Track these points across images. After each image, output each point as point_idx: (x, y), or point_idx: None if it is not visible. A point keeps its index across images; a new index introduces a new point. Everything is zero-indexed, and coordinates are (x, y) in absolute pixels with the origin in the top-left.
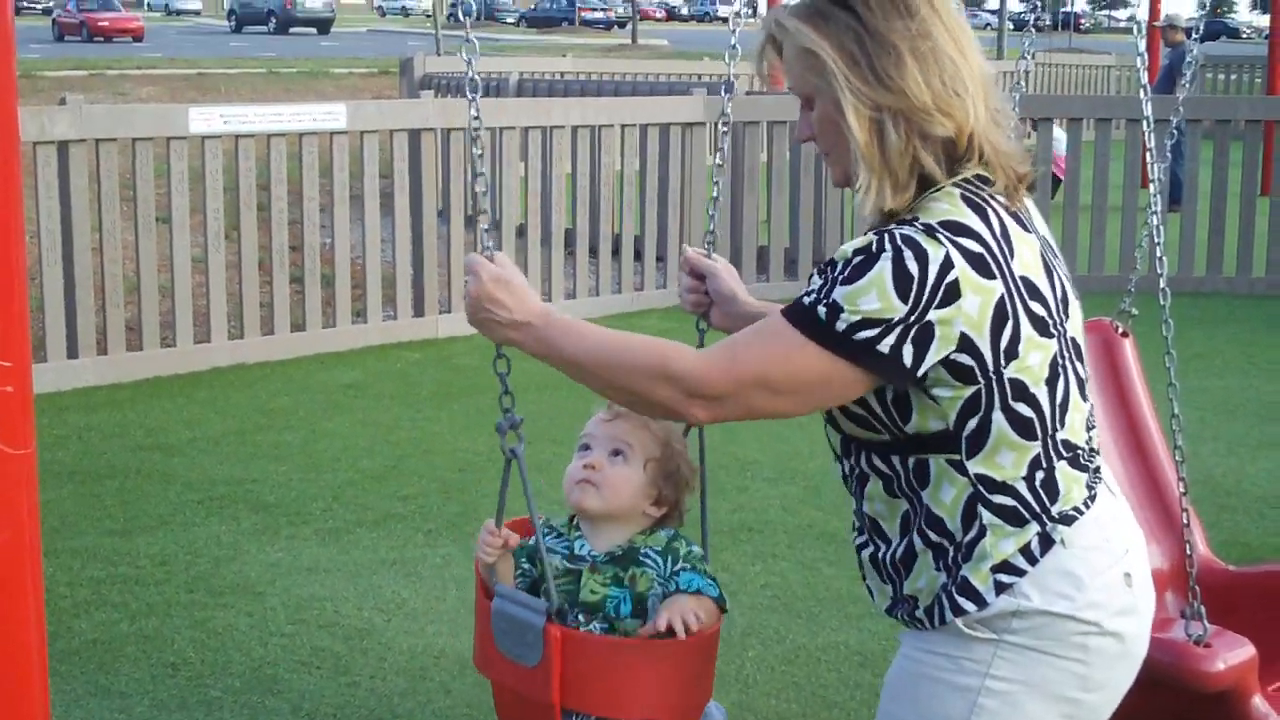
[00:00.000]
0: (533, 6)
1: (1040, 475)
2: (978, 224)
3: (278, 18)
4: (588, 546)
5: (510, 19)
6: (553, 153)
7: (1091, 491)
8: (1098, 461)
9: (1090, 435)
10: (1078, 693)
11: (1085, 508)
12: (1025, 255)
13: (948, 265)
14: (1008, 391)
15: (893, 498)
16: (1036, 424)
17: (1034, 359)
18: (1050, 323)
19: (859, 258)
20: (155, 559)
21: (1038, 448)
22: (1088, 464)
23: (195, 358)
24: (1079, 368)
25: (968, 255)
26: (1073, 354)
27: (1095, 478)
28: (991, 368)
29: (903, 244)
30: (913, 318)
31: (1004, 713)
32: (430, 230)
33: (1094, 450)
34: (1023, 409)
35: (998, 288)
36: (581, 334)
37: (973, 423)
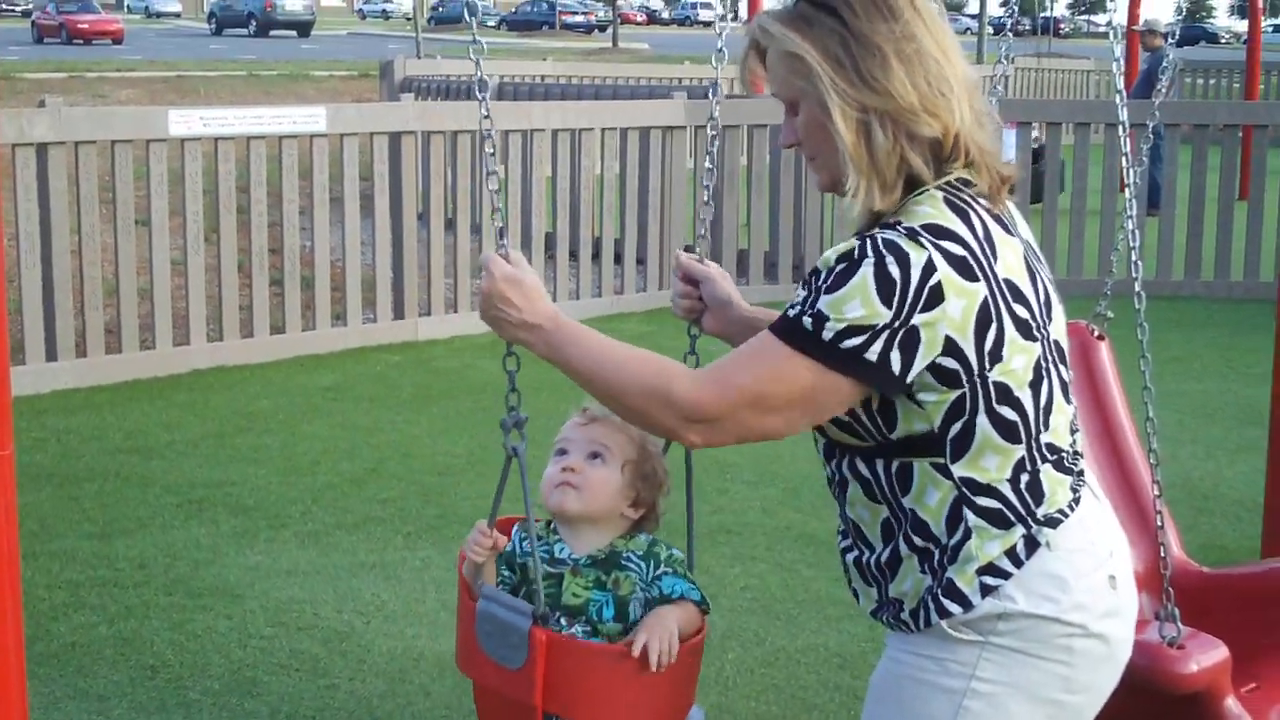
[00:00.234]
0: (513, 10)
1: (1025, 478)
2: (960, 227)
3: (258, 20)
4: (568, 550)
5: (491, 22)
6: (533, 156)
7: (1076, 494)
8: (1081, 464)
9: (1074, 438)
10: (1062, 694)
11: (1070, 510)
12: (1008, 258)
13: (930, 269)
14: (992, 395)
15: (873, 503)
16: (1020, 427)
17: (1018, 362)
18: (1034, 325)
19: (841, 265)
20: (134, 562)
21: (1022, 451)
22: (1072, 467)
23: (174, 360)
24: (1062, 371)
25: (950, 258)
26: (1056, 357)
27: (1079, 480)
28: (976, 371)
29: (884, 249)
30: (897, 323)
31: (989, 714)
32: (410, 233)
33: (1078, 453)
34: (1007, 412)
35: (981, 290)
36: (588, 343)
37: (957, 426)
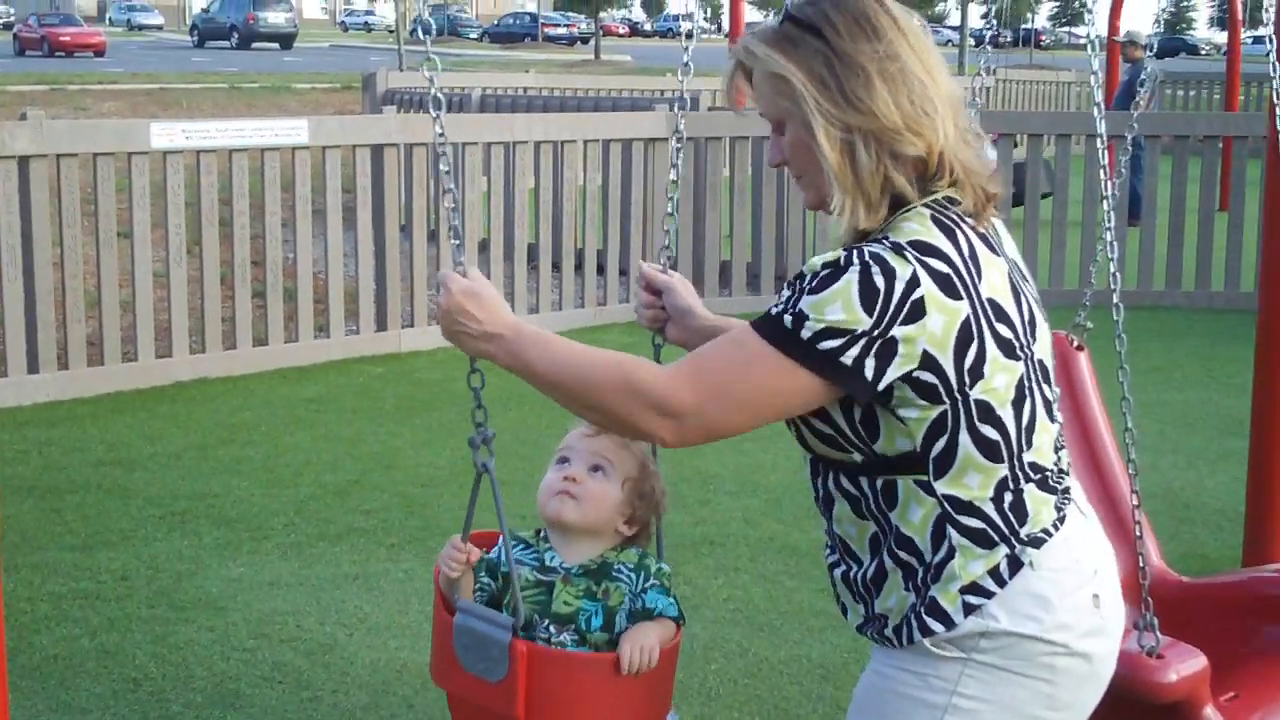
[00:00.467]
0: (496, 22)
1: (1008, 497)
2: (946, 245)
3: (240, 33)
4: (559, 558)
5: (473, 34)
6: (516, 168)
7: (1060, 513)
8: (1067, 482)
9: (1059, 456)
10: (1044, 711)
11: (1054, 529)
12: (993, 278)
13: (914, 283)
14: (974, 413)
15: (860, 519)
16: (1002, 446)
17: (999, 381)
18: (1017, 345)
19: (826, 270)
20: (116, 574)
21: (1004, 470)
22: (1056, 485)
23: (156, 372)
24: (1046, 390)
25: (934, 275)
26: (1040, 376)
27: (1064, 499)
28: (956, 387)
29: (870, 260)
30: (876, 332)
31: None
32: (393, 245)
33: (1063, 471)
34: (988, 431)
35: (963, 309)
36: (551, 348)
37: (940, 444)
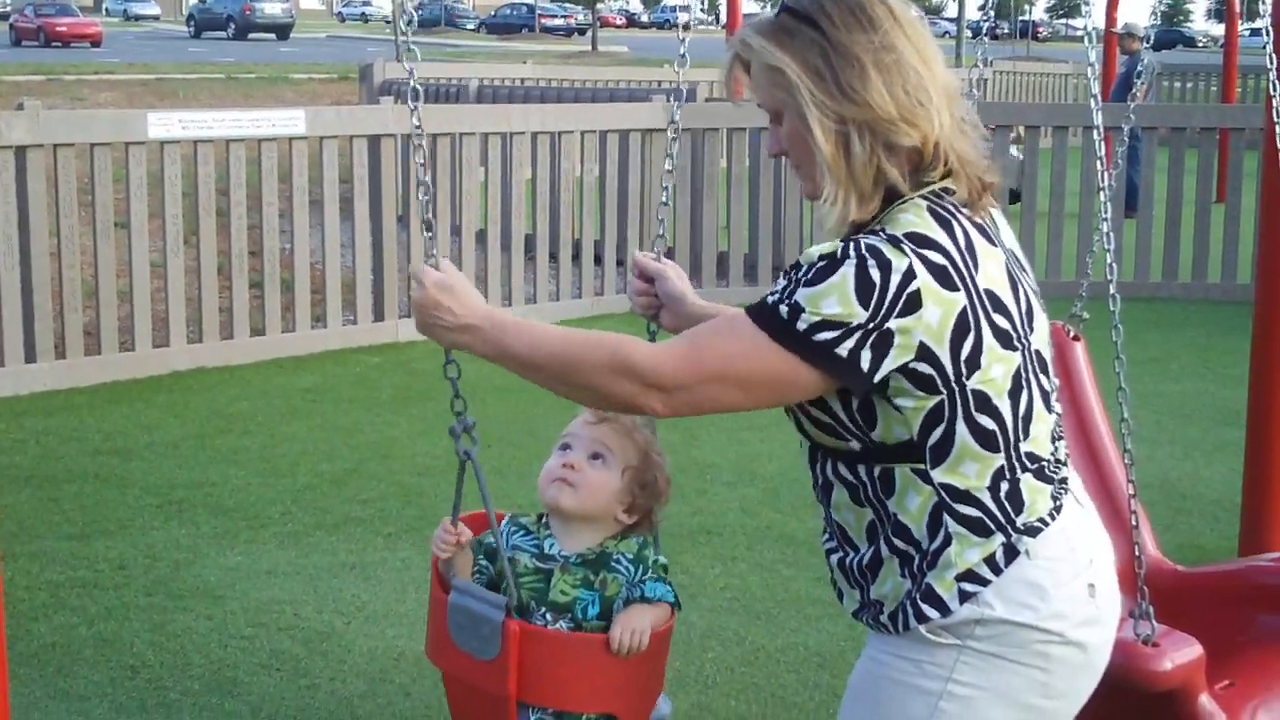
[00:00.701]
0: (493, 13)
1: (1005, 486)
2: (942, 237)
3: (237, 23)
4: (558, 546)
5: (470, 25)
6: (513, 158)
7: (1057, 503)
8: (1064, 472)
9: (1056, 446)
10: (1038, 699)
11: (1050, 519)
12: (990, 268)
13: (910, 275)
14: (970, 403)
15: (859, 506)
16: (999, 436)
17: (996, 371)
18: (1014, 335)
19: (823, 262)
20: (114, 563)
21: (1001, 459)
22: (1053, 475)
23: (154, 362)
24: (1044, 380)
25: (930, 267)
26: (1037, 366)
27: (1061, 488)
28: (953, 378)
29: (867, 252)
30: (872, 324)
31: (964, 717)
32: (390, 235)
33: (1060, 461)
34: (985, 421)
35: (960, 300)
36: (530, 332)
37: (937, 433)
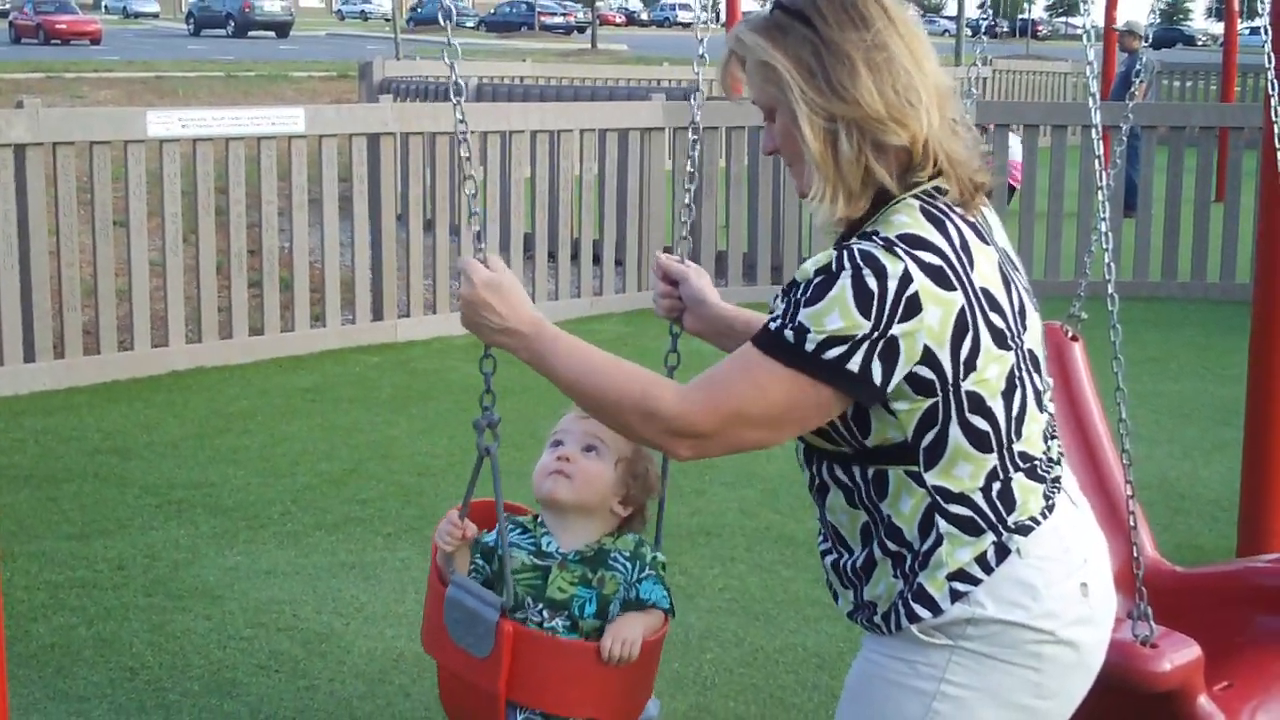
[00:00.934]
0: (492, 11)
1: (997, 486)
2: (936, 237)
3: (236, 21)
4: (555, 544)
5: (470, 23)
6: (512, 157)
7: (1049, 501)
8: (1058, 471)
9: (1049, 445)
10: (1031, 699)
11: (1043, 518)
12: (984, 267)
13: (907, 279)
14: (964, 404)
15: (853, 508)
16: (992, 437)
17: (991, 371)
18: (1008, 335)
19: (819, 277)
20: (113, 563)
21: (994, 460)
22: (1045, 474)
23: (153, 361)
24: (1036, 379)
25: (926, 268)
26: (1030, 365)
27: (1054, 488)
28: (951, 380)
29: (861, 261)
30: (876, 334)
31: (958, 717)
32: (389, 234)
33: (1053, 460)
34: (979, 422)
35: (958, 299)
36: (570, 352)
37: (930, 435)
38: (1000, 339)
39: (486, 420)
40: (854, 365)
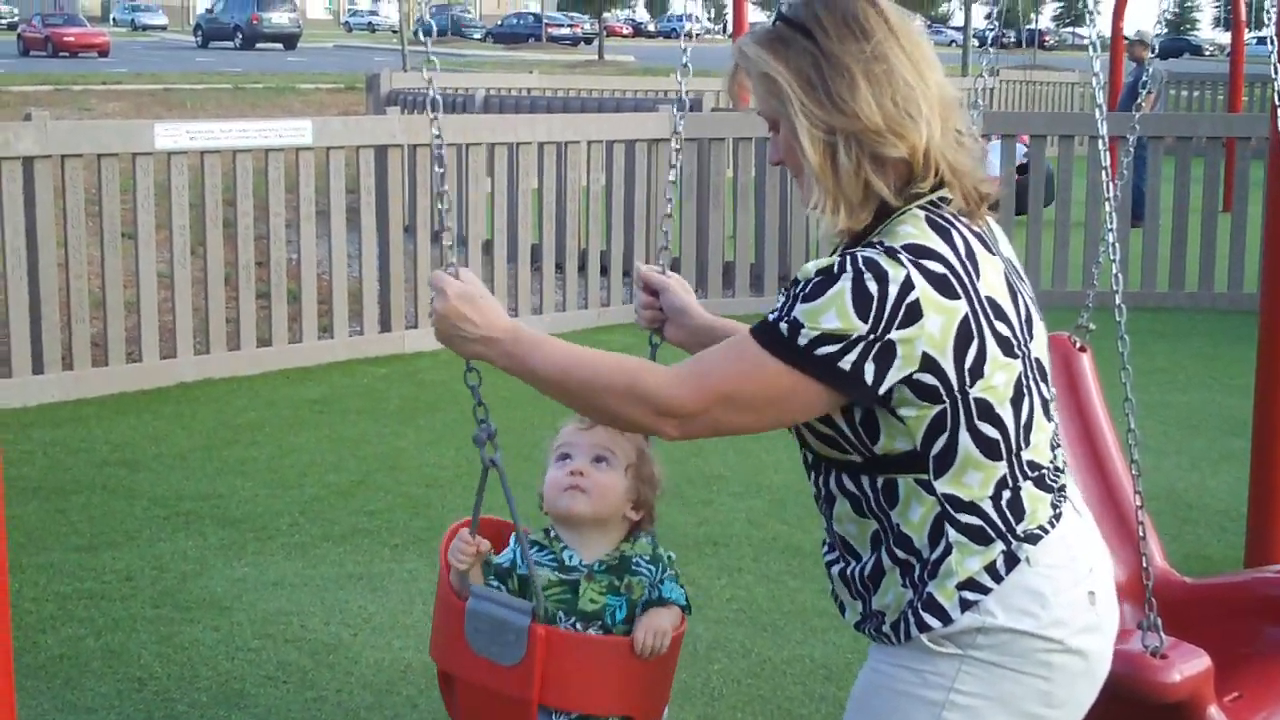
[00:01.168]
0: (499, 23)
1: (1006, 495)
2: (941, 246)
3: (244, 33)
4: (577, 557)
5: (477, 35)
6: (519, 168)
7: (1057, 510)
8: (1063, 480)
9: (1055, 454)
10: (1041, 708)
11: (1050, 526)
12: (990, 276)
13: (908, 286)
14: (973, 411)
15: (862, 518)
16: (1001, 444)
17: (999, 379)
18: (1015, 343)
19: (820, 277)
20: (121, 574)
21: (1003, 468)
22: (1053, 483)
23: (161, 373)
24: (1043, 388)
25: (930, 276)
26: (1037, 374)
27: (1060, 497)
28: (956, 387)
29: (864, 265)
30: (873, 337)
31: None
32: (397, 246)
33: (1059, 469)
34: (988, 429)
35: (961, 308)
36: (550, 350)
37: (940, 443)
38: (1007, 347)
39: (485, 433)
40: (845, 364)
